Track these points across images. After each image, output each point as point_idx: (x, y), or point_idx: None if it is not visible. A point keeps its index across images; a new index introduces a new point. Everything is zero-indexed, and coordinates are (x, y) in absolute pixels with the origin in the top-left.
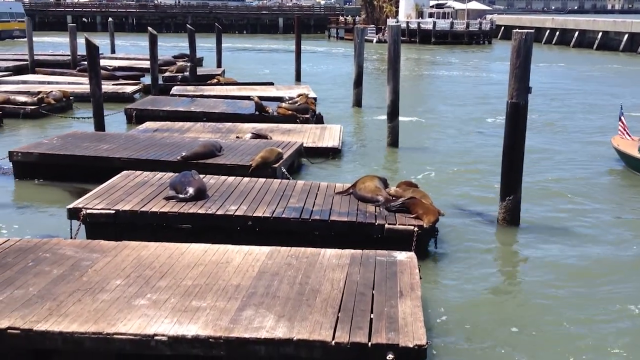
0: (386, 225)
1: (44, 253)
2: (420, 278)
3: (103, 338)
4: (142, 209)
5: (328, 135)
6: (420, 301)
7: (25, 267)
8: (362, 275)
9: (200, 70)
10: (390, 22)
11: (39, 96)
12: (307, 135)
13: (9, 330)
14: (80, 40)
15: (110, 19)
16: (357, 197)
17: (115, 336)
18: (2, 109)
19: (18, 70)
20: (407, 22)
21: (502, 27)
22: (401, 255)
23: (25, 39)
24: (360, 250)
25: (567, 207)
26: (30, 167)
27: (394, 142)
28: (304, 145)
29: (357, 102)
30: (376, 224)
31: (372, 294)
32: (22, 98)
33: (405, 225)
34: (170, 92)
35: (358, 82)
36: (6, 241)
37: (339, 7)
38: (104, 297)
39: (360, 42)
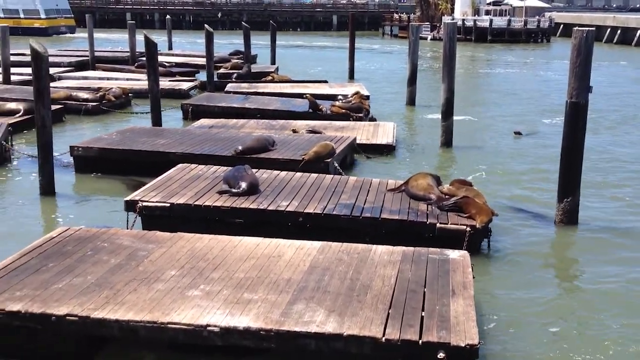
0: (438, 225)
1: (102, 242)
2: (473, 277)
3: (157, 327)
4: (195, 203)
5: (382, 133)
6: (472, 300)
7: (84, 255)
8: (413, 272)
9: (254, 67)
10: (446, 19)
11: (100, 93)
12: (361, 132)
13: (67, 317)
14: (139, 37)
15: (168, 16)
16: (409, 194)
17: (169, 325)
18: (65, 105)
19: (80, 66)
20: (463, 20)
21: (562, 25)
22: (454, 254)
23: (71, 35)
24: (412, 248)
25: (628, 211)
26: (89, 161)
27: (447, 141)
28: (358, 142)
29: (411, 101)
30: (427, 222)
31: (424, 292)
32: (83, 95)
33: (458, 224)
34: (225, 89)
35: (412, 80)
36: (66, 230)
37: (394, 5)
38: (158, 287)
39: (414, 39)
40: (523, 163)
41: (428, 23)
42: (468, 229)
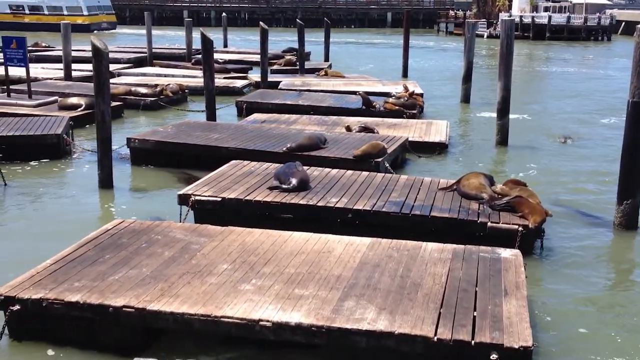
0: (489, 224)
1: (156, 235)
2: (526, 277)
3: (211, 320)
4: (246, 198)
5: (435, 131)
6: (525, 301)
7: (139, 248)
8: (464, 271)
9: (307, 64)
10: (503, 16)
11: (158, 89)
12: (413, 130)
13: (124, 309)
14: (195, 35)
15: (224, 14)
16: (461, 193)
17: (222, 319)
18: (124, 100)
19: (138, 63)
20: (521, 17)
21: (623, 23)
22: (506, 253)
23: (112, 31)
24: (462, 245)
25: None
26: (145, 154)
27: (503, 140)
28: (410, 139)
29: (466, 99)
30: (478, 221)
31: (475, 291)
32: (142, 90)
33: (509, 224)
34: (279, 86)
35: (467, 78)
36: (121, 222)
37: (449, 1)
38: (211, 281)
39: (470, 36)
40: (581, 164)
41: (484, 20)
42: (520, 228)
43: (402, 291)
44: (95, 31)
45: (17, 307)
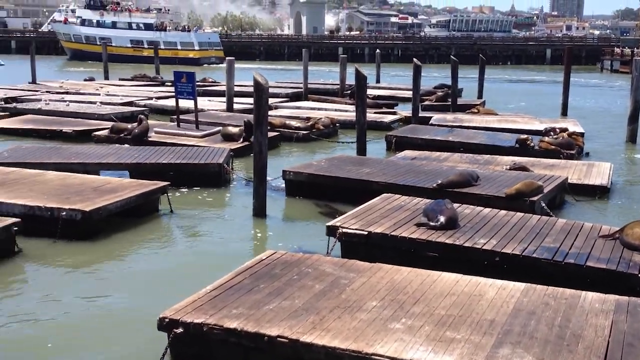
0: None
1: (307, 268)
2: None
3: (362, 357)
4: (392, 233)
5: (595, 173)
6: None
7: (291, 279)
8: (629, 324)
9: (459, 101)
10: None
11: (311, 122)
12: (572, 172)
13: (278, 338)
14: (349, 70)
15: (377, 50)
16: (624, 243)
17: (373, 357)
18: (280, 132)
19: (294, 97)
20: None
21: None
22: None
23: (220, 65)
24: (626, 297)
25: None
26: (298, 185)
27: None
28: (568, 182)
29: (631, 139)
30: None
31: None
32: (295, 123)
33: None
34: (430, 122)
35: (633, 118)
36: (274, 253)
37: (615, 38)
38: (361, 317)
39: (638, 74)
40: None
41: None
42: None
43: (561, 342)
44: (204, 64)
45: (180, 330)
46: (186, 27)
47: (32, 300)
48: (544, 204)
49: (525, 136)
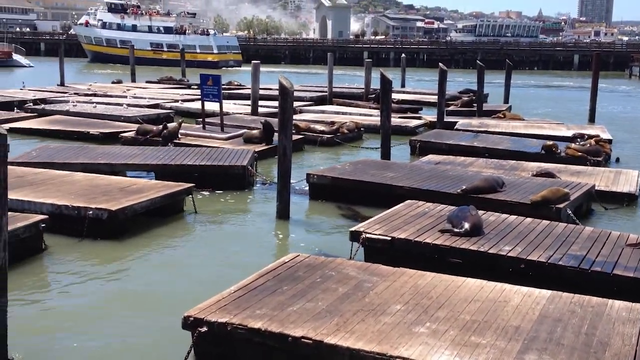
0: None
1: (330, 271)
2: None
3: (387, 359)
4: (416, 239)
5: (624, 180)
6: None
7: (314, 282)
8: None
9: (485, 106)
10: None
11: (335, 126)
12: (599, 179)
13: (302, 339)
14: (374, 74)
15: (403, 55)
16: None
17: (398, 359)
18: (305, 136)
19: (319, 101)
20: None
21: None
22: None
23: (238, 68)
24: None
25: None
26: (322, 189)
27: None
28: (595, 189)
29: None
30: None
31: None
32: (320, 127)
33: None
34: (455, 127)
35: None
36: (297, 256)
37: None
38: (385, 320)
39: None
40: None
41: None
42: None
43: (588, 349)
44: (222, 67)
45: (204, 329)
46: (205, 30)
47: (59, 294)
48: (570, 212)
49: (552, 142)
